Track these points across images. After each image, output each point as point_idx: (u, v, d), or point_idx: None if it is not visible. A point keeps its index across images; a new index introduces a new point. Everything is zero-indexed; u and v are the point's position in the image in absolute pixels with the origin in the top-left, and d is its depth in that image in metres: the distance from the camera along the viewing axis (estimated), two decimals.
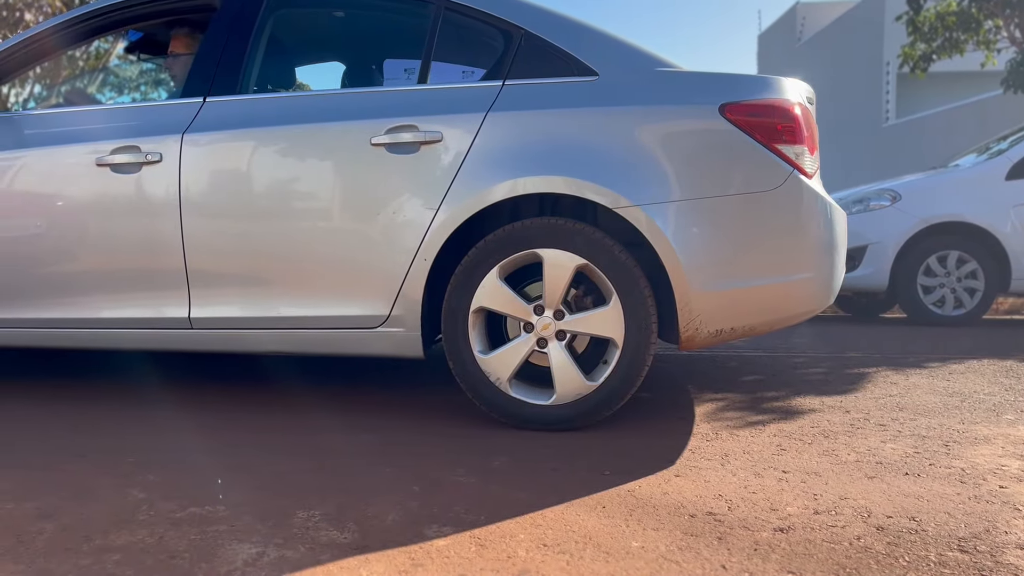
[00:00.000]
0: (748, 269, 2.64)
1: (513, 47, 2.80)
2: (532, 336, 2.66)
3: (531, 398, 2.68)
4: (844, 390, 3.50)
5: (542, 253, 2.62)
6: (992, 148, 6.80)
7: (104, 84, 8.97)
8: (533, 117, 2.69)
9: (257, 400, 3.15)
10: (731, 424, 2.86)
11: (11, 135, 3.14)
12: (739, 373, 3.97)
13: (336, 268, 2.79)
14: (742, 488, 2.14)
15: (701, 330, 2.63)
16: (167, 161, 2.89)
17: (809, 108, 2.81)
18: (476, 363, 2.69)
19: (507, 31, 2.84)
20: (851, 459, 2.42)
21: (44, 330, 3.08)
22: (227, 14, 3.08)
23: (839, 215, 2.84)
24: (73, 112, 3.21)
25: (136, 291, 2.95)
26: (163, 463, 2.34)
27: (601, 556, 1.72)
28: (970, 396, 3.35)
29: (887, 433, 2.74)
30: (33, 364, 3.98)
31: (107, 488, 2.12)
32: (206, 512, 1.94)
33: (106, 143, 2.96)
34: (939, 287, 6.10)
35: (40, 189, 3.04)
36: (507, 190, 2.63)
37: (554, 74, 2.75)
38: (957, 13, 10.41)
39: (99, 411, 2.97)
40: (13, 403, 3.12)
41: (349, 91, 3.01)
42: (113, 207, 2.94)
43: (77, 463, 2.34)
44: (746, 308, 2.67)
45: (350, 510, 1.96)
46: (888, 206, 6.24)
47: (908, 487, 2.16)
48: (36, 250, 3.04)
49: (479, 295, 2.66)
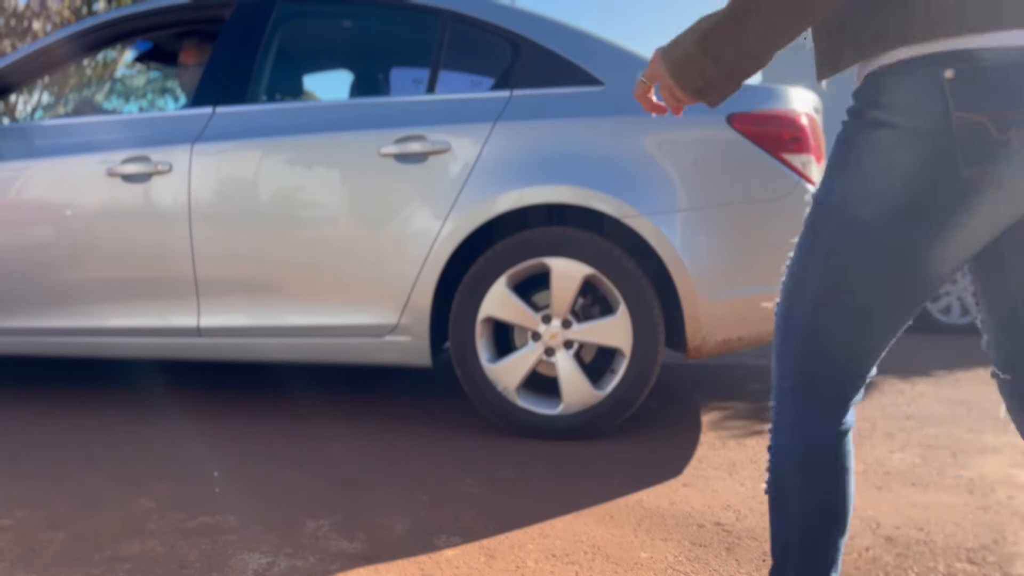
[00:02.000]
0: (756, 278, 2.64)
1: (520, 57, 2.81)
2: (540, 345, 2.67)
3: (538, 407, 2.69)
4: None
5: (550, 263, 2.63)
6: None
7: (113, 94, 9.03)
8: (540, 127, 2.70)
9: (266, 409, 3.16)
10: (738, 433, 2.86)
11: (22, 145, 3.16)
12: (745, 382, 3.97)
13: (344, 277, 2.81)
14: (750, 498, 2.14)
15: (709, 339, 2.64)
16: (177, 171, 2.90)
17: (816, 118, 2.82)
18: (483, 372, 2.69)
19: (514, 42, 2.85)
20: (858, 469, 2.42)
21: (54, 339, 3.09)
22: (236, 25, 3.10)
23: None
24: (84, 122, 3.23)
25: (146, 300, 2.97)
26: (173, 472, 2.35)
27: (610, 567, 1.72)
28: (977, 405, 3.35)
29: (894, 442, 2.74)
30: (43, 373, 4.00)
31: (117, 497, 2.13)
32: (216, 521, 1.95)
33: (117, 153, 2.98)
34: (945, 294, 6.09)
35: (51, 198, 3.06)
36: (514, 200, 2.64)
37: (561, 84, 2.76)
38: None
39: (109, 420, 2.98)
40: (24, 412, 3.13)
41: (358, 101, 3.02)
42: (123, 216, 2.96)
43: (87, 472, 2.36)
44: (754, 317, 2.67)
45: (359, 520, 1.97)
46: None
47: (916, 497, 2.16)
48: (46, 259, 3.06)
49: (487, 304, 2.67)
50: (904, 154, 0.92)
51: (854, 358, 1.07)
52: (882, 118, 0.94)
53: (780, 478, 1.14)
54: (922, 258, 0.96)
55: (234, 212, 2.87)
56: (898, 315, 1.04)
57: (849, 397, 1.10)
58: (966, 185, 0.89)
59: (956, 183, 0.89)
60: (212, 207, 2.88)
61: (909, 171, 0.92)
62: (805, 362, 1.09)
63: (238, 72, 3.02)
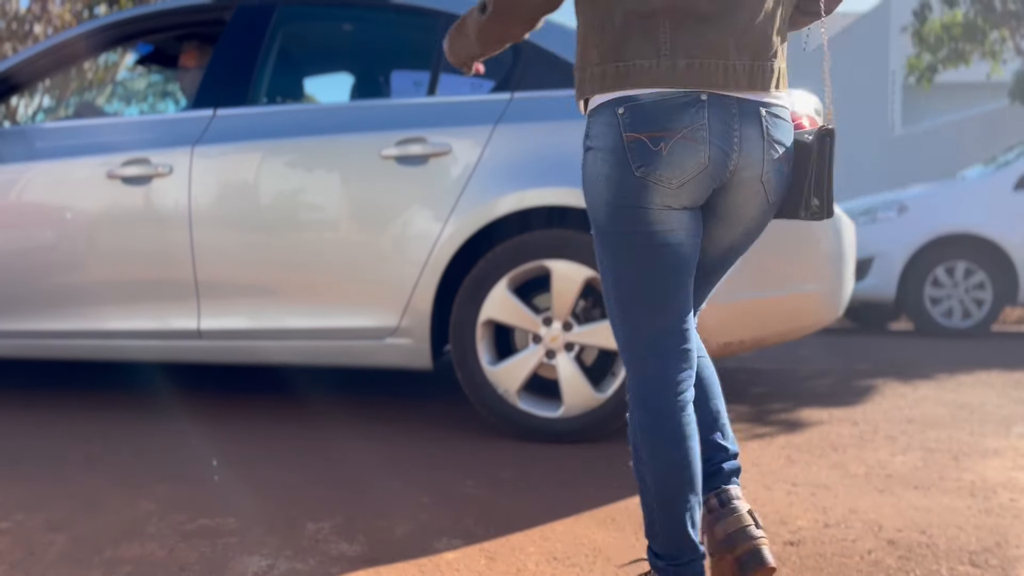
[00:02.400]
0: (756, 281, 2.64)
1: (522, 59, 2.81)
2: (540, 348, 2.66)
3: (539, 410, 2.68)
4: (852, 402, 3.50)
5: (550, 265, 2.62)
6: (999, 160, 6.79)
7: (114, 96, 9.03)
8: (541, 129, 2.70)
9: (266, 411, 3.16)
10: (739, 436, 2.85)
11: (23, 147, 3.16)
12: (746, 385, 3.96)
13: (345, 279, 2.81)
14: (752, 501, 2.13)
15: (710, 342, 2.61)
16: (177, 173, 2.90)
17: (817, 120, 2.81)
18: (484, 375, 2.69)
19: (515, 43, 2.84)
20: (860, 472, 2.41)
21: (56, 341, 3.09)
22: (237, 28, 3.10)
23: (847, 227, 2.84)
24: (84, 125, 3.24)
25: (146, 302, 2.96)
26: (173, 474, 2.34)
27: (611, 569, 1.71)
28: (979, 408, 3.34)
29: (896, 446, 2.73)
30: (43, 375, 3.99)
31: (117, 499, 2.12)
32: (216, 524, 1.95)
33: (117, 155, 2.97)
34: (947, 298, 6.08)
35: (51, 201, 3.07)
36: (515, 202, 2.64)
37: (562, 86, 2.76)
38: (962, 24, 10.40)
39: (109, 422, 2.98)
40: (23, 414, 3.13)
41: (358, 103, 3.03)
42: (124, 218, 2.96)
43: (87, 474, 2.35)
44: (755, 320, 2.67)
45: (359, 522, 1.96)
46: (895, 217, 6.23)
47: (918, 500, 2.15)
48: (47, 261, 3.06)
49: (487, 307, 2.67)
50: (603, 166, 1.36)
51: (655, 325, 1.38)
52: (590, 144, 1.40)
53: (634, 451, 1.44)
54: (643, 240, 1.35)
55: (234, 214, 2.86)
56: (664, 280, 1.37)
57: (671, 362, 1.38)
58: (639, 180, 1.32)
59: (633, 179, 1.32)
60: (212, 209, 2.88)
61: (608, 176, 1.35)
62: (621, 335, 1.42)
63: (239, 74, 3.02)
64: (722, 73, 1.32)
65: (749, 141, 1.34)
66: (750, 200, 1.40)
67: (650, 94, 1.32)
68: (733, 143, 1.33)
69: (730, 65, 1.33)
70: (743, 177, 1.36)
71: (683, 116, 1.31)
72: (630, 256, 1.37)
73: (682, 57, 1.31)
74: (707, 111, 1.31)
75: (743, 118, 1.34)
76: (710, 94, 1.32)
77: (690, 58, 1.31)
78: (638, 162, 1.32)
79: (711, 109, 1.32)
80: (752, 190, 1.38)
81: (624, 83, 1.34)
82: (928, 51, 10.87)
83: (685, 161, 1.31)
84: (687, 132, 1.31)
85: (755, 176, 1.36)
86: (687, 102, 1.31)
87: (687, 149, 1.30)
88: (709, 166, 1.32)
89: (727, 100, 1.33)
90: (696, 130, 1.31)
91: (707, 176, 1.33)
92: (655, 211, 1.33)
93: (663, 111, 1.31)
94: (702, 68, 1.31)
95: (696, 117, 1.31)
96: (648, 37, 1.32)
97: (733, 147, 1.33)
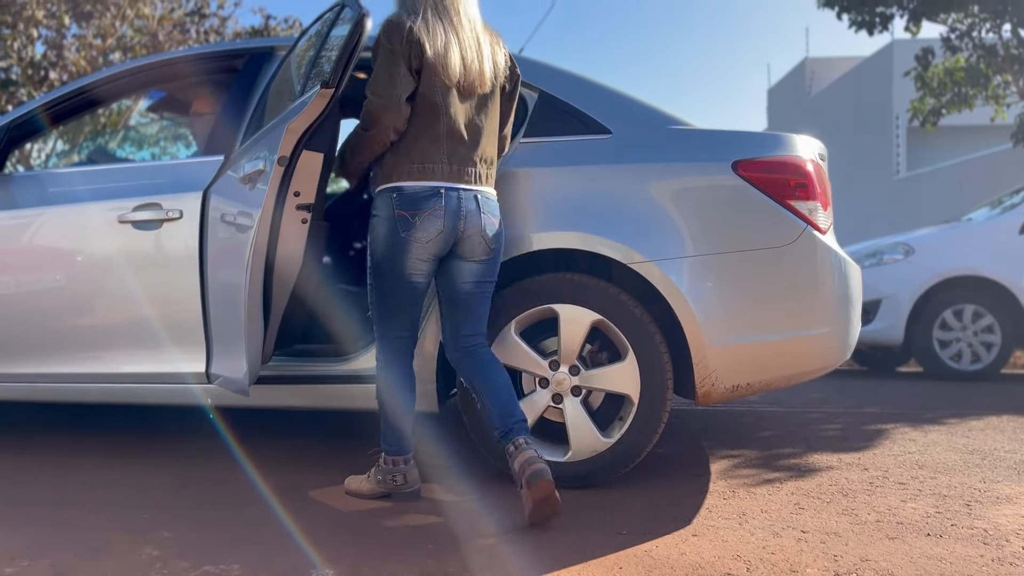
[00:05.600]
0: (764, 324, 2.64)
1: (529, 106, 2.85)
2: (547, 392, 2.65)
3: (546, 454, 2.65)
4: (862, 447, 3.46)
5: (557, 308, 2.63)
6: (1005, 202, 6.80)
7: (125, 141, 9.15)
8: (548, 174, 2.73)
9: (272, 456, 3.15)
10: (748, 481, 2.83)
11: (36, 192, 3.21)
12: (755, 429, 3.93)
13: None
14: (760, 548, 2.11)
15: (718, 385, 2.62)
16: (187, 218, 2.92)
17: (821, 164, 2.84)
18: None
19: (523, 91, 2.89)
20: (871, 519, 2.39)
21: (63, 385, 3.09)
22: (248, 75, 3.16)
23: (853, 269, 2.85)
24: (96, 170, 3.28)
25: (155, 346, 2.97)
26: (178, 519, 2.33)
27: None
28: (991, 454, 3.30)
29: (907, 492, 2.70)
30: (47, 418, 3.99)
31: (121, 544, 2.11)
32: (220, 571, 1.93)
33: (128, 200, 3.00)
34: (955, 341, 6.05)
35: (63, 245, 3.09)
36: (524, 245, 2.66)
37: (568, 132, 2.79)
38: (965, 69, 10.50)
39: (113, 465, 2.97)
40: (27, 458, 3.12)
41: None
42: (134, 263, 2.98)
43: (92, 518, 2.34)
44: (763, 363, 2.66)
45: (366, 569, 1.95)
46: (902, 259, 6.23)
47: (930, 549, 2.12)
48: (57, 305, 3.08)
49: (494, 350, 2.66)
50: (382, 229, 2.34)
51: (397, 320, 2.43)
52: (375, 213, 2.37)
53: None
54: (400, 275, 2.35)
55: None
56: (407, 300, 2.40)
57: (403, 348, 2.48)
58: (404, 241, 2.31)
59: (400, 240, 2.31)
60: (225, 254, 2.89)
61: (384, 236, 2.34)
62: (377, 330, 2.47)
63: (251, 121, 3.06)
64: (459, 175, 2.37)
65: (472, 214, 2.36)
66: (476, 248, 2.40)
67: (411, 187, 2.31)
68: (460, 216, 2.34)
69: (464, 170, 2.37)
70: (470, 234, 2.37)
71: (429, 201, 2.31)
72: (396, 286, 2.37)
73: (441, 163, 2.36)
74: (443, 198, 2.32)
75: (466, 201, 2.36)
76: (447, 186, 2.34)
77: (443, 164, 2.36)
78: (403, 229, 2.30)
79: (447, 196, 2.33)
80: (476, 242, 2.38)
81: (398, 177, 2.33)
82: (931, 95, 10.96)
83: (429, 227, 2.31)
84: (432, 211, 2.30)
85: (477, 232, 2.37)
86: (432, 193, 2.32)
87: (431, 221, 2.31)
88: (444, 231, 2.33)
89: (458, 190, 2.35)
90: (436, 209, 2.31)
91: (443, 236, 2.34)
92: (414, 260, 2.33)
93: (418, 197, 2.31)
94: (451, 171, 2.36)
95: (436, 201, 2.31)
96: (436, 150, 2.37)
97: (460, 218, 2.34)
